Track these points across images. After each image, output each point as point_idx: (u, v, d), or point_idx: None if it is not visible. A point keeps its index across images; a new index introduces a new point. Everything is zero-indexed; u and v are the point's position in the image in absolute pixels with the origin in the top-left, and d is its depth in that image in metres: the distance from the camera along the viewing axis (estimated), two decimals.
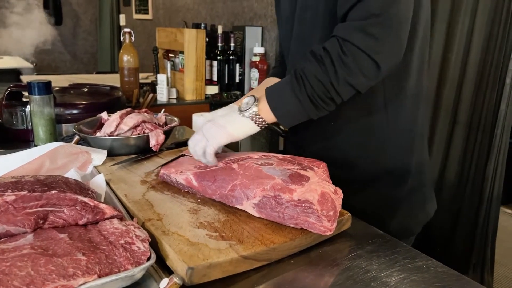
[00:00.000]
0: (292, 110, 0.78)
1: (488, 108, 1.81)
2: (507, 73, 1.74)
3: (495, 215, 1.92)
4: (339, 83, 0.74)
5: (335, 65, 0.74)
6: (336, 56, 0.74)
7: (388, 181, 0.94)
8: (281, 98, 0.78)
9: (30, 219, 0.58)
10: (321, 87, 0.75)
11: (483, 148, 1.86)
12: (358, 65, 0.73)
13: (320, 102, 0.76)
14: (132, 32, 1.96)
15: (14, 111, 1.27)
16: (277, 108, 0.78)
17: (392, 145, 0.92)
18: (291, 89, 0.77)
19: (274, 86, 0.81)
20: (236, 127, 0.80)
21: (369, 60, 0.73)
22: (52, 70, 5.75)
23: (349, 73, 0.73)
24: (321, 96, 0.76)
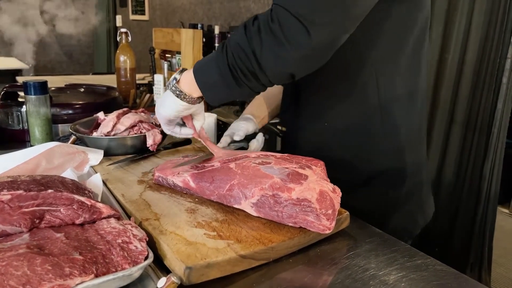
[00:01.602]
0: (213, 82, 0.72)
1: (485, 107, 1.82)
2: (504, 72, 1.74)
3: (492, 215, 1.92)
4: (262, 53, 0.65)
5: (261, 32, 0.65)
6: (264, 22, 0.65)
7: (384, 182, 0.93)
8: (205, 68, 0.73)
9: (26, 219, 0.58)
10: (243, 56, 0.67)
11: (480, 147, 1.87)
12: (286, 32, 0.63)
13: (240, 74, 0.68)
14: (128, 32, 1.95)
15: (10, 112, 1.26)
16: (199, 79, 0.73)
17: (387, 146, 0.91)
18: (215, 59, 0.71)
19: (204, 58, 0.76)
20: (164, 106, 0.79)
21: (300, 27, 0.62)
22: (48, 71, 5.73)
23: (275, 41, 0.64)
24: (242, 67, 0.68)
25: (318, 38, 0.63)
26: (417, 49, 0.89)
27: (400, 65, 0.87)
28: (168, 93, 0.79)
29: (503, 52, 1.73)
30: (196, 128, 0.88)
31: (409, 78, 0.89)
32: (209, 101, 0.76)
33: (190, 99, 0.78)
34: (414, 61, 0.89)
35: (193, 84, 0.75)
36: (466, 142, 1.92)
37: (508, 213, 2.97)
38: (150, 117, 1.18)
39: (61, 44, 5.91)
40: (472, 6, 1.79)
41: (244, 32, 0.67)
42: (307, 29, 0.62)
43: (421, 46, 0.91)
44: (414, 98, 0.92)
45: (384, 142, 0.91)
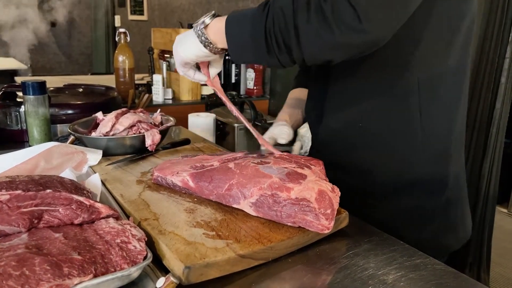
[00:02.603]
0: (243, 40, 0.67)
1: (483, 107, 1.82)
2: (502, 72, 1.75)
3: (491, 214, 1.92)
4: (305, 31, 0.61)
5: (310, 8, 0.61)
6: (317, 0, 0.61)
7: (422, 192, 0.86)
8: (238, 23, 0.68)
9: (24, 219, 0.58)
10: (283, 26, 0.62)
11: (478, 147, 1.87)
12: (336, 15, 0.59)
13: (274, 43, 0.64)
14: (127, 32, 1.95)
15: (8, 112, 1.26)
16: (230, 32, 0.68)
17: (426, 153, 0.84)
18: (252, 17, 0.66)
19: (241, 10, 0.70)
20: (184, 46, 0.75)
21: (353, 14, 0.59)
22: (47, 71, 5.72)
23: (322, 22, 0.60)
24: (277, 37, 0.63)
25: (369, 29, 0.60)
26: (465, 48, 0.82)
27: (447, 65, 0.80)
28: (192, 35, 0.73)
29: (502, 52, 1.73)
30: (210, 76, 0.84)
31: (454, 81, 0.83)
32: (233, 57, 0.71)
33: (213, 48, 0.73)
34: (461, 61, 0.82)
35: (221, 34, 0.70)
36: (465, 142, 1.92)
37: (507, 212, 2.98)
38: (149, 117, 1.18)
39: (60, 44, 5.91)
40: None
41: (292, 1, 0.62)
42: (360, 19, 0.59)
43: (469, 44, 0.84)
44: (457, 102, 0.84)
45: (424, 149, 0.84)
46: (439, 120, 0.83)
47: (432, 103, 0.82)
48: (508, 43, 1.72)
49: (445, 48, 0.79)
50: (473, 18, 0.83)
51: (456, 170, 0.89)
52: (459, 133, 0.88)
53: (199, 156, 0.91)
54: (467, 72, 0.85)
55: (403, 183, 0.86)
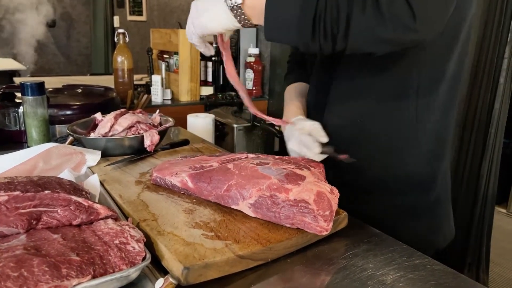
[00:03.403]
0: (287, 22, 0.65)
1: (482, 107, 1.82)
2: (501, 72, 1.75)
3: (490, 214, 1.92)
4: (357, 23, 0.62)
5: (367, 1, 0.61)
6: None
7: (413, 190, 0.89)
8: (283, 3, 0.65)
9: (23, 220, 0.57)
10: (335, 15, 0.62)
11: (477, 147, 1.87)
12: (393, 13, 0.60)
13: (321, 30, 0.63)
14: (126, 32, 1.95)
15: (7, 112, 1.26)
16: (272, 12, 0.65)
17: (420, 152, 0.86)
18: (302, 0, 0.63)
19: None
20: (210, 17, 0.70)
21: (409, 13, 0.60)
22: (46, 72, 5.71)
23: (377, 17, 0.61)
24: (326, 24, 0.62)
25: (421, 29, 0.62)
26: (462, 54, 0.85)
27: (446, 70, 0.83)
28: (221, 6, 0.68)
29: (500, 52, 1.74)
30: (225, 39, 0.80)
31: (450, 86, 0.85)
32: (266, 35, 0.68)
33: (247, 23, 0.69)
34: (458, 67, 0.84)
35: (259, 11, 0.66)
36: (464, 142, 1.92)
37: (506, 213, 2.98)
38: (148, 118, 1.18)
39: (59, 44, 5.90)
40: None
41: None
42: (415, 18, 0.60)
43: (466, 51, 0.86)
44: (452, 105, 0.87)
45: (418, 148, 0.86)
46: (434, 121, 0.86)
47: (428, 105, 0.84)
48: (506, 43, 1.72)
49: (445, 53, 0.81)
50: (470, 25, 0.85)
51: (444, 169, 0.92)
52: (449, 134, 0.91)
53: (198, 156, 0.91)
54: (462, 77, 0.88)
55: (397, 180, 0.89)
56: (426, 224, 0.91)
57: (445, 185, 0.94)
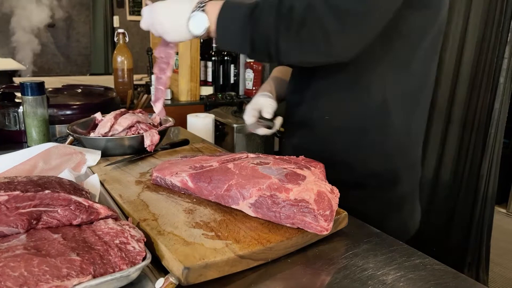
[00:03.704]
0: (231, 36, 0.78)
1: (482, 107, 1.82)
2: (501, 72, 1.75)
3: (489, 214, 1.92)
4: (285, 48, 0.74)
5: (290, 34, 0.72)
6: (296, 25, 0.71)
7: (379, 184, 0.93)
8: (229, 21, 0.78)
9: (23, 219, 0.57)
10: (266, 40, 0.74)
11: (477, 147, 1.87)
12: (313, 43, 0.72)
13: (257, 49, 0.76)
14: (126, 32, 1.95)
15: (6, 112, 1.25)
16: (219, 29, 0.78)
17: (386, 147, 0.91)
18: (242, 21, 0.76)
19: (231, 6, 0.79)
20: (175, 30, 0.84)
21: (323, 39, 0.71)
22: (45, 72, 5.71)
23: (301, 47, 0.73)
24: (260, 45, 0.75)
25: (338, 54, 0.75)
26: (430, 55, 0.88)
27: (410, 69, 0.86)
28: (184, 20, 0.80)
29: (500, 52, 1.74)
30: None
31: (417, 83, 0.89)
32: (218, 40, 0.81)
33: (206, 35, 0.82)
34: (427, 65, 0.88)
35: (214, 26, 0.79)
36: (464, 142, 1.92)
37: (506, 212, 2.98)
38: (148, 118, 1.17)
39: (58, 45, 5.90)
40: (469, 7, 1.79)
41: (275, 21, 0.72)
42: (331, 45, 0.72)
43: (435, 51, 0.90)
44: (418, 102, 0.92)
45: (383, 143, 0.91)
46: (399, 118, 0.89)
47: (393, 102, 0.88)
48: (506, 43, 1.72)
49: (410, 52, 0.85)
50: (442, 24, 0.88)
51: (412, 164, 0.96)
52: (418, 129, 0.94)
53: (198, 156, 0.91)
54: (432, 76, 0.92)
55: (360, 176, 0.93)
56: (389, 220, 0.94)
57: (410, 180, 0.96)
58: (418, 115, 0.93)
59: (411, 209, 0.99)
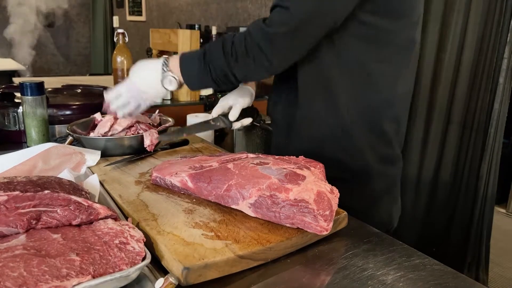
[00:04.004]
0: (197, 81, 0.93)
1: (481, 107, 1.82)
2: (500, 72, 1.75)
3: (489, 215, 1.92)
4: (240, 73, 0.87)
5: (239, 62, 0.85)
6: (241, 55, 0.85)
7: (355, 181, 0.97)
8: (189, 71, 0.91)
9: (22, 220, 0.57)
10: (223, 75, 0.88)
11: (477, 147, 1.87)
12: (257, 63, 0.85)
13: (221, 83, 0.89)
14: (125, 33, 1.95)
15: (6, 112, 1.25)
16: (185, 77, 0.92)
17: (357, 145, 0.95)
18: (198, 69, 0.89)
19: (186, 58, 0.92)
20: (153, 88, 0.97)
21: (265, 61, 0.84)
22: (45, 72, 5.71)
23: (250, 69, 0.86)
24: (222, 79, 0.89)
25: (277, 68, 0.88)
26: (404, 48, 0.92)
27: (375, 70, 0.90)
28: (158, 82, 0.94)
29: (500, 52, 1.74)
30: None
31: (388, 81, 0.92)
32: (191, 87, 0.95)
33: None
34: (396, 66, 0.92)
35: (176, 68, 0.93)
36: (463, 142, 1.92)
37: (505, 213, 2.98)
38: (148, 118, 1.17)
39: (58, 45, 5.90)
40: (468, 6, 1.79)
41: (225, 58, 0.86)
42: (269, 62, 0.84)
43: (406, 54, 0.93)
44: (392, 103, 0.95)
45: (354, 142, 0.94)
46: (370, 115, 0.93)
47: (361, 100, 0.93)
48: (506, 43, 1.72)
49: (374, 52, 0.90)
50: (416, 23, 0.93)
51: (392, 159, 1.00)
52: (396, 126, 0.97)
53: (198, 156, 0.91)
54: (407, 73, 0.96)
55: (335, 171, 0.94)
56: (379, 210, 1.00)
57: (384, 176, 0.99)
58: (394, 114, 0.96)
59: (390, 203, 1.03)
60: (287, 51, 0.86)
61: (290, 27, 0.82)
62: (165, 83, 0.94)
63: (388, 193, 1.02)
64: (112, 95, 0.99)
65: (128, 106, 0.99)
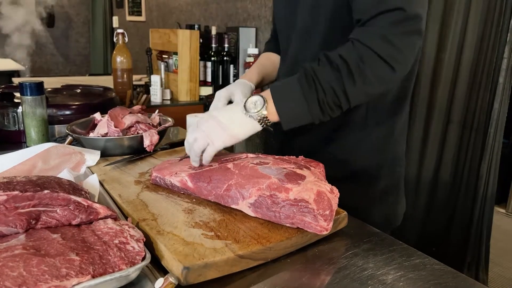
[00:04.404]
0: (298, 113, 0.76)
1: (481, 107, 1.82)
2: (500, 72, 1.75)
3: (489, 214, 1.92)
4: (354, 92, 0.74)
5: (353, 74, 0.73)
6: (355, 65, 0.73)
7: (360, 180, 0.96)
8: (289, 99, 0.76)
9: (22, 219, 0.57)
10: (333, 95, 0.74)
11: (476, 147, 1.87)
12: (376, 73, 0.73)
13: (327, 109, 0.75)
14: (125, 33, 1.95)
15: (5, 112, 1.25)
16: (283, 109, 0.76)
17: (369, 142, 0.94)
18: (301, 92, 0.75)
19: (281, 86, 0.78)
20: (241, 128, 0.77)
21: (387, 68, 0.73)
22: (44, 73, 5.71)
23: (367, 82, 0.73)
24: (329, 103, 0.75)
25: (401, 76, 0.76)
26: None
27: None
28: (244, 117, 0.77)
29: (500, 52, 1.74)
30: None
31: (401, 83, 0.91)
32: (285, 127, 0.78)
33: (268, 124, 0.79)
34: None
35: (274, 113, 0.77)
36: (463, 142, 1.92)
37: (505, 213, 2.98)
38: (147, 118, 1.17)
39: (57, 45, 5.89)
40: (468, 6, 1.79)
41: (333, 72, 0.74)
42: (394, 70, 0.73)
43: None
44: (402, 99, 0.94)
45: (364, 142, 0.94)
46: (383, 116, 0.93)
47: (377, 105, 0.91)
48: (506, 43, 1.72)
49: None
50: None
51: (392, 162, 0.99)
52: (402, 124, 0.98)
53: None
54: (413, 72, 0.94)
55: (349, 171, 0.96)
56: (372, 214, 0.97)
57: (392, 175, 0.99)
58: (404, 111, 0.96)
59: (395, 202, 1.02)
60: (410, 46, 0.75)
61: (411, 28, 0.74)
62: (249, 106, 0.77)
63: (393, 191, 1.02)
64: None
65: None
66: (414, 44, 0.74)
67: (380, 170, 0.97)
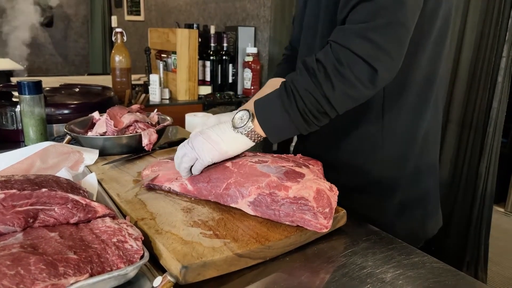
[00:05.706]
0: (281, 125, 0.73)
1: (480, 106, 1.82)
2: (499, 71, 1.75)
3: (488, 213, 1.92)
4: (335, 96, 0.69)
5: (331, 77, 0.68)
6: (332, 67, 0.68)
7: (376, 191, 0.89)
8: (270, 112, 0.73)
9: (19, 218, 0.57)
10: (314, 102, 0.70)
11: (475, 146, 1.87)
12: (356, 74, 0.67)
13: (311, 118, 0.71)
14: (124, 32, 1.94)
15: (4, 111, 1.25)
16: (266, 123, 0.74)
17: (387, 152, 0.87)
18: (281, 103, 0.71)
19: (263, 99, 0.75)
20: (230, 144, 0.76)
21: (368, 68, 0.67)
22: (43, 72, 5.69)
23: (347, 84, 0.68)
24: (312, 111, 0.70)
25: (385, 76, 0.69)
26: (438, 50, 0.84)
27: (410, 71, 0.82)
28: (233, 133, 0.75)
29: (498, 51, 1.73)
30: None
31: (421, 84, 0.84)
32: (273, 141, 0.76)
33: (259, 139, 0.76)
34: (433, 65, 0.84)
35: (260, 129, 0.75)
36: (462, 141, 1.92)
37: (504, 212, 2.98)
38: (146, 117, 1.17)
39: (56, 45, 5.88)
40: (467, 5, 1.79)
41: (310, 77, 0.70)
42: (377, 71, 0.67)
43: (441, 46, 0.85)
44: (426, 105, 0.86)
45: (382, 151, 0.87)
46: (402, 122, 0.85)
47: (395, 106, 0.84)
48: (505, 42, 1.72)
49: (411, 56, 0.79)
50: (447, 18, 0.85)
51: (416, 171, 0.90)
52: (426, 131, 0.89)
53: None
54: (438, 75, 0.86)
55: (364, 181, 0.89)
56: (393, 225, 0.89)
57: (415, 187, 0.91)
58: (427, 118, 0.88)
59: (423, 216, 0.94)
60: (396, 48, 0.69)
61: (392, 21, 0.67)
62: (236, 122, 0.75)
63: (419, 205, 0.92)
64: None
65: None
66: (398, 36, 0.67)
67: (398, 181, 0.88)
